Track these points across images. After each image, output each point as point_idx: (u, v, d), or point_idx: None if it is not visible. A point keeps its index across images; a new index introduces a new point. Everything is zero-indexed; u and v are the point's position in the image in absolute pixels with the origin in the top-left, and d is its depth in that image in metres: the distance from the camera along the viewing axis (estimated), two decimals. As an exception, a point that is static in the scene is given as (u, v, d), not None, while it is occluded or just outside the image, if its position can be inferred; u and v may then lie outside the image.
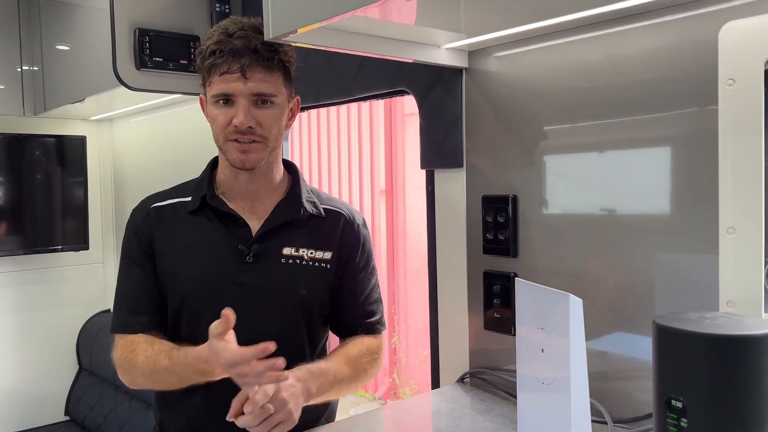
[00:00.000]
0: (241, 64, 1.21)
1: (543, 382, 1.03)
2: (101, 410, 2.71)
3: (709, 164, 1.05)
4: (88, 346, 2.94)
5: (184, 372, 1.20)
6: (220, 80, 1.23)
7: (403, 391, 4.98)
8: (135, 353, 1.27)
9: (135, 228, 1.37)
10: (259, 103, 1.25)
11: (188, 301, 1.30)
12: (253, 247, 1.30)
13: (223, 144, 1.27)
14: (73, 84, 2.32)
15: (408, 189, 4.95)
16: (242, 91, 1.22)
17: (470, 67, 1.44)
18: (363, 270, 1.40)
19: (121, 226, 3.07)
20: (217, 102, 1.25)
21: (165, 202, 1.37)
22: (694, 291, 1.10)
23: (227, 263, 1.30)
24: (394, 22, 1.24)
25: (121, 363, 1.31)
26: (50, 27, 2.46)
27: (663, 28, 1.12)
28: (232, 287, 1.29)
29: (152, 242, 1.34)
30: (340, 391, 1.31)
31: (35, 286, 2.93)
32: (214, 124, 1.27)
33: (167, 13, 1.95)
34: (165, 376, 1.23)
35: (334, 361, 1.29)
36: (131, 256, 1.36)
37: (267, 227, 1.32)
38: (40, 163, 2.87)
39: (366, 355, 1.35)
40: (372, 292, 1.42)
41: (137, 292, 1.34)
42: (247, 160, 1.26)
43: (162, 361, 1.23)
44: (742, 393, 0.71)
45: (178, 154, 2.60)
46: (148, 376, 1.26)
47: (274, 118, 1.27)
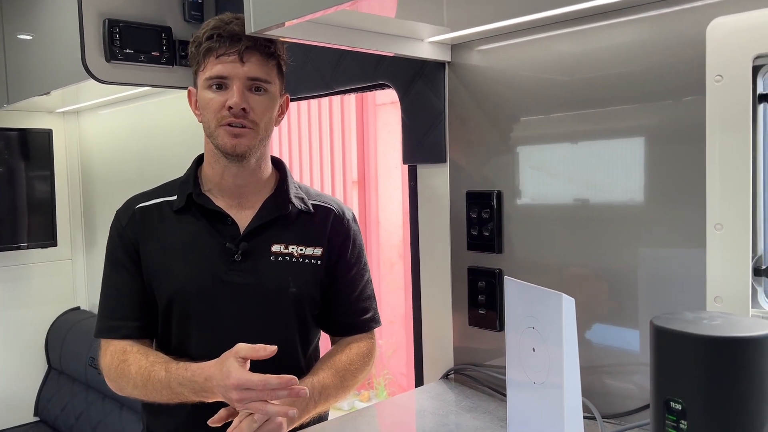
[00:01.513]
0: (238, 48, 1.22)
1: (534, 381, 1.02)
2: (72, 411, 2.64)
3: (697, 159, 1.05)
4: (57, 345, 2.86)
5: (180, 387, 1.17)
6: (216, 62, 1.23)
7: (377, 381, 4.99)
8: (127, 363, 1.24)
9: (119, 230, 1.33)
10: (253, 89, 1.24)
11: (176, 303, 1.27)
12: (241, 245, 1.28)
13: (215, 129, 1.25)
14: (38, 76, 2.23)
15: (380, 179, 4.93)
16: (238, 73, 1.22)
17: (453, 61, 1.42)
18: (355, 266, 1.38)
19: (90, 222, 3.03)
20: (211, 86, 1.25)
21: (150, 202, 1.34)
22: (681, 286, 1.10)
23: (215, 262, 1.27)
24: (377, 16, 1.21)
25: (110, 371, 1.27)
26: (12, 15, 2.36)
27: (649, 23, 1.11)
28: (221, 287, 1.26)
29: (137, 244, 1.30)
30: (328, 404, 1.29)
31: (1, 285, 2.83)
32: (207, 109, 1.25)
33: (137, 3, 1.89)
34: (158, 389, 1.19)
35: (321, 376, 1.27)
36: (116, 258, 1.32)
37: (255, 224, 1.30)
38: (4, 157, 2.77)
39: (355, 362, 1.33)
40: (365, 289, 1.40)
41: (122, 296, 1.30)
42: (238, 144, 1.24)
43: (157, 373, 1.19)
44: (742, 395, 0.71)
45: (148, 148, 2.54)
46: (140, 387, 1.22)
47: (267, 105, 1.26)
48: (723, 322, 0.76)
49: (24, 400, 2.89)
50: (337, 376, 1.29)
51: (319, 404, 1.24)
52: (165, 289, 1.28)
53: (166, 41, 1.92)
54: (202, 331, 1.27)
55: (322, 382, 1.25)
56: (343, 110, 5.05)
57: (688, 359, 0.74)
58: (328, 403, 1.28)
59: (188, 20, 1.97)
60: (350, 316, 1.37)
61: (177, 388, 1.17)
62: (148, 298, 1.30)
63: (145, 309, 1.30)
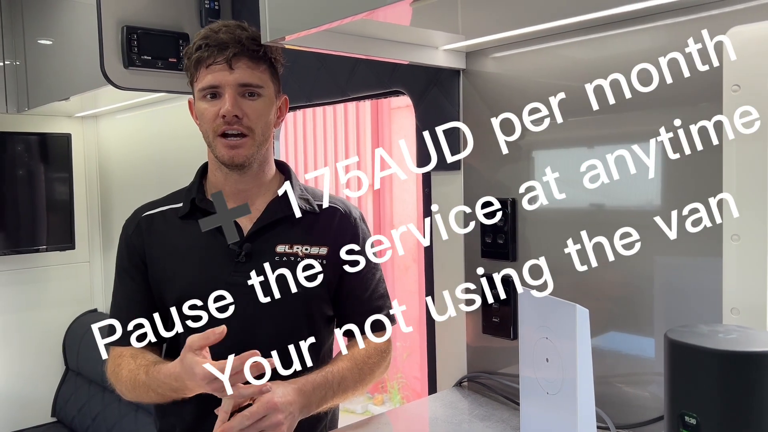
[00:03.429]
0: (226, 56, 1.23)
1: (548, 391, 1.02)
2: (89, 412, 2.67)
3: (714, 169, 1.04)
4: (74, 347, 2.90)
5: (160, 388, 1.19)
6: (206, 72, 1.24)
7: (390, 384, 4.99)
8: (120, 367, 1.27)
9: (126, 239, 1.36)
10: (246, 95, 1.25)
11: (183, 307, 1.28)
12: (244, 246, 1.28)
13: (213, 140, 1.26)
14: (57, 81, 2.26)
15: (395, 183, 4.93)
16: (228, 81, 1.23)
17: (467, 68, 1.42)
18: (366, 265, 1.37)
19: (107, 225, 3.06)
20: (205, 97, 1.26)
21: (156, 210, 1.36)
22: (697, 295, 1.09)
23: (219, 265, 1.28)
24: (391, 24, 1.21)
25: (110, 377, 1.31)
26: (33, 20, 2.39)
27: (666, 31, 1.10)
28: (226, 288, 1.27)
29: (143, 252, 1.32)
30: (345, 397, 1.29)
31: (20, 287, 2.87)
32: (203, 119, 1.27)
33: (155, 10, 1.91)
34: (144, 392, 1.22)
35: (339, 366, 1.27)
36: (123, 267, 1.35)
37: (258, 225, 1.30)
38: (24, 161, 2.81)
39: (373, 356, 1.33)
40: (377, 287, 1.39)
41: (129, 305, 1.32)
42: (236, 155, 1.25)
43: (140, 376, 1.22)
44: (757, 410, 0.71)
45: (165, 152, 2.56)
46: (131, 390, 1.25)
47: (261, 110, 1.26)
48: (738, 336, 0.76)
49: (42, 401, 2.93)
50: (356, 368, 1.29)
51: (337, 395, 1.25)
52: (172, 293, 1.29)
53: (183, 48, 1.93)
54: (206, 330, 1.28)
55: (341, 373, 1.26)
56: (358, 114, 5.06)
57: (702, 373, 0.73)
58: (345, 395, 1.28)
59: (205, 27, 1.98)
60: (365, 316, 1.36)
61: (158, 389, 1.19)
62: (155, 306, 1.31)
63: (150, 317, 1.31)
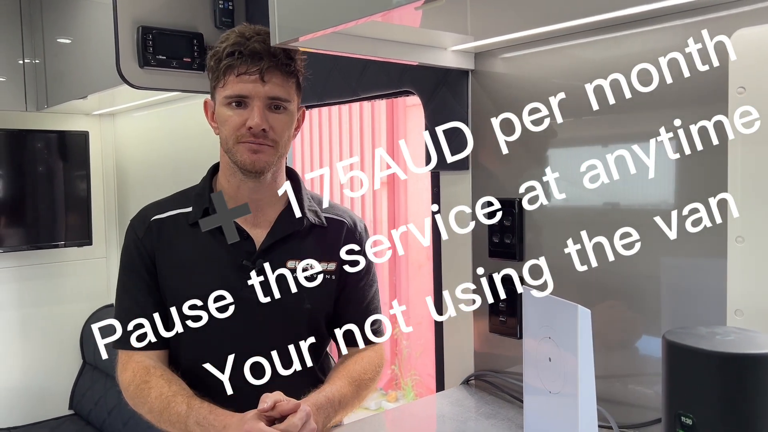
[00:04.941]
0: (260, 67, 1.21)
1: (550, 390, 1.03)
2: (106, 405, 2.72)
3: (719, 170, 1.04)
4: (92, 341, 2.94)
5: (196, 426, 1.16)
6: (236, 81, 1.22)
7: (404, 381, 5.01)
8: (149, 385, 1.23)
9: (136, 241, 1.34)
10: (272, 108, 1.24)
11: (191, 318, 1.28)
12: (257, 263, 1.28)
13: (233, 146, 1.25)
14: (75, 80, 2.30)
15: (410, 180, 4.93)
16: (259, 93, 1.22)
17: (476, 69, 1.43)
18: (365, 277, 1.40)
19: (123, 221, 3.10)
20: (230, 104, 1.24)
21: (165, 214, 1.35)
22: (702, 296, 1.09)
23: (231, 278, 1.28)
24: (400, 25, 1.22)
25: (129, 388, 1.27)
26: (52, 19, 2.44)
27: (672, 32, 1.10)
28: (237, 303, 1.27)
29: (154, 256, 1.32)
30: (345, 413, 1.30)
31: (38, 282, 2.93)
32: (225, 126, 1.25)
33: (170, 11, 1.94)
34: (174, 421, 1.18)
35: (338, 385, 1.28)
36: (132, 269, 1.33)
37: (270, 241, 1.30)
38: (43, 158, 2.86)
39: (369, 371, 1.34)
40: (373, 300, 1.42)
41: (139, 307, 1.31)
42: (257, 160, 1.24)
43: (178, 406, 1.18)
44: (752, 412, 0.71)
45: (181, 150, 2.59)
46: (155, 413, 1.21)
47: (286, 123, 1.26)
48: (736, 338, 0.76)
49: (59, 394, 2.98)
50: (353, 385, 1.30)
51: (338, 413, 1.26)
52: (180, 303, 1.28)
53: (197, 47, 1.96)
54: (215, 345, 1.29)
55: (341, 392, 1.26)
56: (374, 111, 5.07)
57: (699, 375, 0.74)
58: (345, 412, 1.29)
59: (219, 27, 2.01)
60: (360, 327, 1.38)
61: (192, 426, 1.16)
62: (164, 310, 1.30)
63: (162, 319, 1.30)
